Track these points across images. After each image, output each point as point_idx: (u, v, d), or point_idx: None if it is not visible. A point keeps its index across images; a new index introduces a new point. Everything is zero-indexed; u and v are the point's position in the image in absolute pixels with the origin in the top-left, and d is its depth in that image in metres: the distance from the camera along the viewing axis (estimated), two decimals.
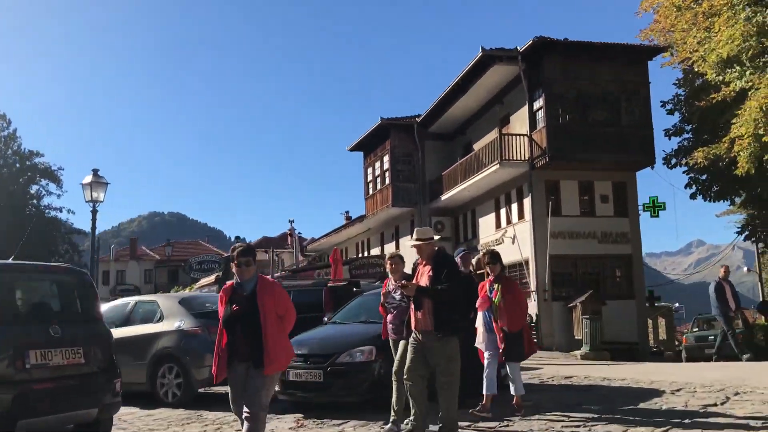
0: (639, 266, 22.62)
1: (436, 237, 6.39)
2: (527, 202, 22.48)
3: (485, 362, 7.20)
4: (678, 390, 8.29)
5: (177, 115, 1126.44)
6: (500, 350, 7.09)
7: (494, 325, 7.18)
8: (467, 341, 6.82)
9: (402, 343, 6.46)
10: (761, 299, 36.31)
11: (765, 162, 16.05)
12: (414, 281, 6.09)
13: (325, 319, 9.53)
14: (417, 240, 6.13)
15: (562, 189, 22.38)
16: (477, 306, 7.28)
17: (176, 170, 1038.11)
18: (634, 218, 22.71)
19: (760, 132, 15.93)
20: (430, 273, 5.91)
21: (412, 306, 5.94)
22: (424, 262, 6.13)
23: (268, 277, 4.97)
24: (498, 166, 22.30)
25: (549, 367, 13.18)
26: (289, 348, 4.92)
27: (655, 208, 22.83)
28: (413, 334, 5.97)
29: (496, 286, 7.29)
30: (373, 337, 7.54)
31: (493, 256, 7.47)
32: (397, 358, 6.55)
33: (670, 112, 22.82)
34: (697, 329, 21.39)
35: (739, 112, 16.76)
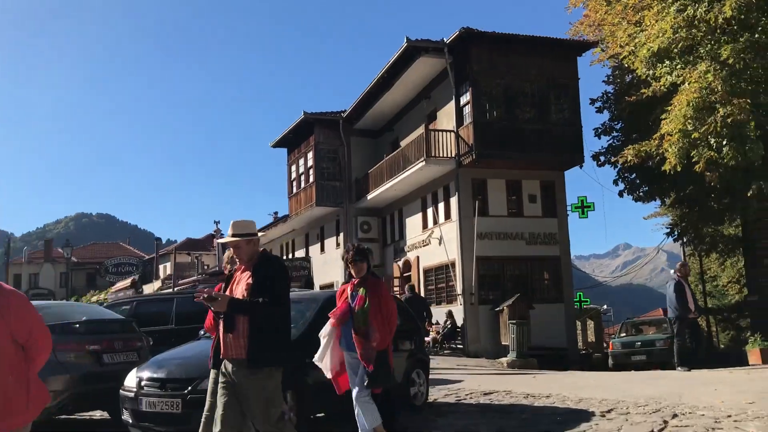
0: (567, 268, 21.93)
1: (260, 233, 4.94)
2: (454, 201, 21.46)
3: (354, 396, 5.59)
4: (609, 411, 7.20)
5: (109, 113, 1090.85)
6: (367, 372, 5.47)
7: (356, 342, 5.50)
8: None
9: (212, 374, 4.84)
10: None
11: (693, 158, 15.41)
12: (228, 291, 4.61)
13: (201, 332, 8.01)
14: (233, 236, 4.53)
15: (489, 188, 21.46)
16: (331, 316, 5.68)
17: (104, 170, 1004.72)
18: (563, 219, 22.01)
19: (689, 128, 15.31)
20: (249, 281, 4.43)
21: (221, 326, 4.45)
22: (242, 267, 4.62)
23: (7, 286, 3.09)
24: (424, 163, 21.19)
25: (471, 379, 12.03)
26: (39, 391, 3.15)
27: (584, 208, 22.19)
28: (222, 365, 4.45)
29: (360, 290, 5.59)
30: None
31: (359, 253, 5.71)
32: (207, 397, 4.86)
33: (600, 110, 22.27)
34: (624, 334, 20.68)
35: (669, 108, 16.14)
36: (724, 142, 14.84)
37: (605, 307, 52.13)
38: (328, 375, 5.63)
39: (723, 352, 20.13)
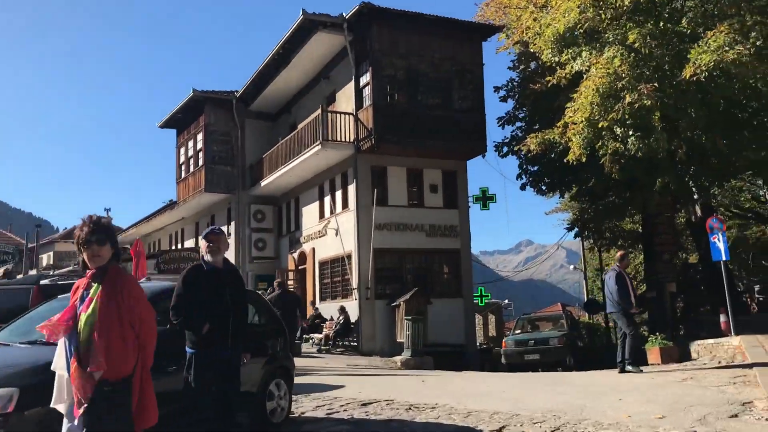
0: (468, 262, 21.02)
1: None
2: (352, 189, 20.08)
3: None
4: (501, 429, 5.98)
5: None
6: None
7: (73, 365, 3.49)
8: None
9: None
10: (586, 297, 36.91)
11: (598, 150, 14.69)
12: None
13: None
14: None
15: (389, 176, 20.22)
16: (42, 330, 3.63)
17: None
18: (464, 211, 21.08)
19: (595, 117, 14.57)
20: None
21: None
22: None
23: None
24: (320, 147, 19.69)
25: (355, 384, 10.67)
26: None
27: (486, 200, 21.33)
28: None
29: (93, 288, 3.62)
30: (24, 371, 4.51)
31: (99, 230, 3.64)
32: None
33: (504, 99, 21.43)
34: (519, 331, 19.82)
35: (575, 95, 15.38)
36: (630, 133, 14.19)
37: (506, 301, 52.39)
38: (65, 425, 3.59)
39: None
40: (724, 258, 15.18)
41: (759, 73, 13.10)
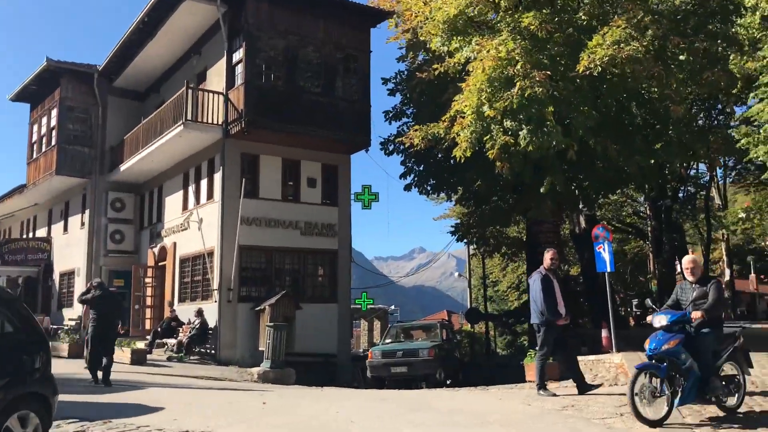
0: (346, 264, 19.35)
1: None
2: (218, 178, 17.95)
3: None
4: None
5: None
6: None
7: None
8: None
9: None
10: (470, 305, 36.25)
11: (486, 145, 13.43)
12: None
13: None
14: None
15: (262, 166, 18.24)
16: None
17: None
18: (345, 209, 19.43)
19: (484, 106, 13.31)
20: None
21: None
22: None
23: None
24: (182, 128, 17.43)
25: (182, 403, 8.69)
26: None
27: (368, 198, 19.76)
28: None
29: None
30: None
31: None
32: None
33: (392, 93, 20.00)
34: (390, 340, 18.05)
35: (463, 85, 14.10)
36: (522, 126, 13.02)
37: (393, 307, 51.31)
38: None
39: (502, 361, 18.68)
40: (608, 269, 14.34)
41: (654, 73, 12.25)
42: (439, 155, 18.58)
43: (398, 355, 15.52)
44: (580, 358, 14.57)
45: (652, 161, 14.80)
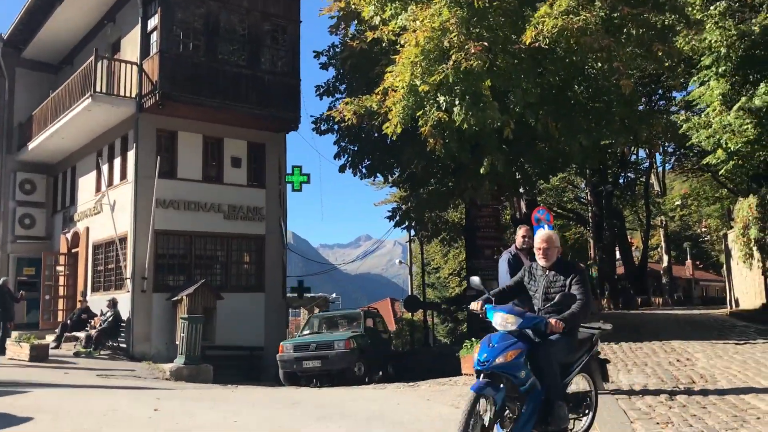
0: (275, 250, 18.07)
1: None
2: (131, 156, 16.40)
3: None
4: None
5: None
6: None
7: None
8: None
9: None
10: (411, 293, 35.41)
11: (419, 121, 12.37)
12: None
13: None
14: None
15: (181, 143, 16.78)
16: None
17: None
18: (273, 190, 18.13)
19: (417, 80, 12.24)
20: None
21: None
22: None
23: None
24: (90, 101, 15.82)
25: (61, 410, 7.37)
26: None
27: (298, 180, 18.49)
28: None
29: None
30: None
31: None
32: None
33: (324, 67, 18.67)
34: (308, 332, 15.94)
35: (396, 58, 13.00)
36: (456, 102, 12.00)
37: (334, 295, 50.17)
38: None
39: (441, 350, 17.71)
40: None
41: (604, 45, 11.38)
42: (375, 134, 17.45)
43: (311, 348, 13.85)
44: None
45: (595, 141, 14.05)
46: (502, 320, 4.64)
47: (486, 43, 11.69)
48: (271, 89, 17.16)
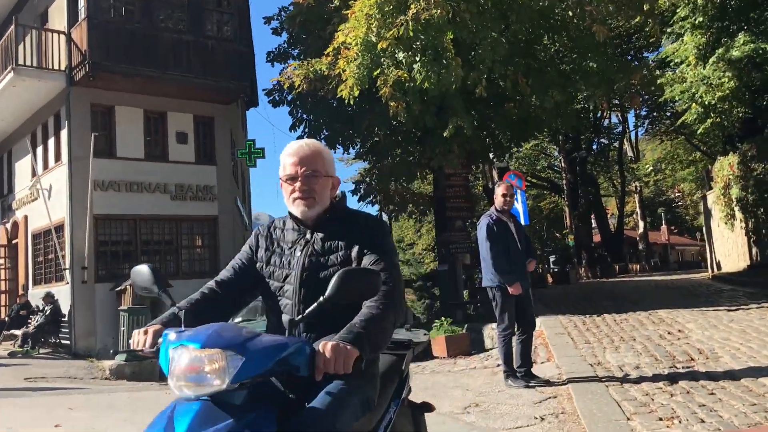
0: (230, 232, 16.71)
1: None
2: (64, 136, 14.91)
3: None
4: None
5: None
6: None
7: None
8: None
9: None
10: None
11: (376, 82, 11.12)
12: None
13: None
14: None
15: (119, 119, 15.30)
16: None
17: None
18: (225, 167, 16.75)
19: (373, 35, 10.99)
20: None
21: None
22: None
23: None
24: (12, 74, 14.24)
25: None
26: None
27: (252, 155, 17.14)
28: None
29: None
30: None
31: None
32: None
33: (276, 32, 17.26)
34: (240, 319, 14.08)
35: (349, 12, 11.73)
36: (417, 59, 10.78)
37: None
38: None
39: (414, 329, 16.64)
40: (522, 221, 12.44)
41: None
42: (333, 101, 16.16)
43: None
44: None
45: (570, 97, 12.93)
46: (191, 364, 1.78)
47: None
48: (217, 57, 15.72)
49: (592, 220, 34.60)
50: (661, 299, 13.88)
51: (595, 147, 34.40)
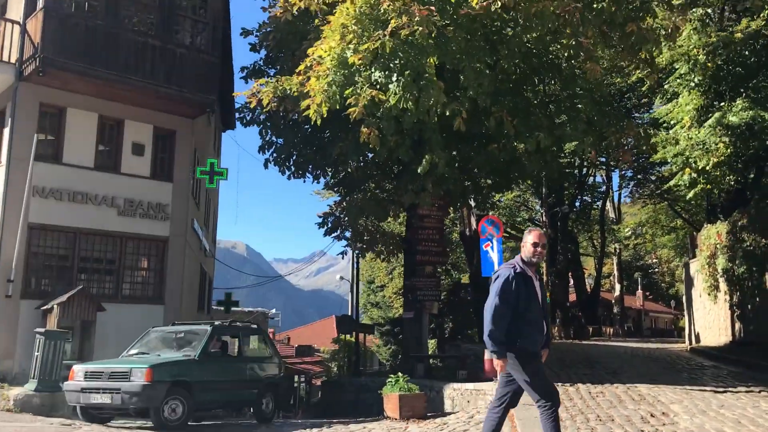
0: (179, 256, 15.34)
1: None
2: (6, 134, 13.61)
3: None
4: None
5: None
6: None
7: None
8: None
9: None
10: (351, 312, 32.88)
11: (348, 101, 10.03)
12: None
13: None
14: None
15: (70, 122, 14.04)
16: None
17: None
18: (182, 186, 15.48)
19: (347, 53, 9.96)
20: None
21: None
22: None
23: None
24: None
25: None
26: None
27: (213, 175, 15.90)
28: None
29: None
30: None
31: None
32: None
33: (254, 49, 16.22)
34: (136, 351, 10.95)
35: (324, 28, 10.71)
36: (394, 77, 9.73)
37: (274, 310, 47.38)
38: None
39: (368, 382, 15.12)
40: None
41: (567, 11, 9.23)
42: (308, 128, 15.09)
43: (104, 376, 9.59)
44: (456, 386, 11.46)
45: (556, 142, 11.95)
46: None
47: (433, 8, 9.50)
48: (185, 66, 14.62)
49: (570, 279, 33.59)
50: (640, 371, 12.72)
51: (577, 204, 33.61)
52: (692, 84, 18.08)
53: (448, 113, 10.18)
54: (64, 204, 13.70)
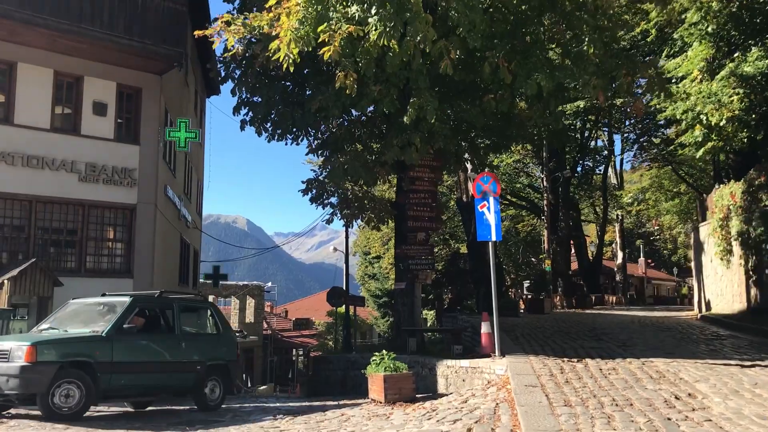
0: (149, 225, 14.08)
1: None
2: None
3: None
4: None
5: None
6: None
7: None
8: None
9: None
10: (345, 284, 31.77)
11: (321, 39, 8.70)
12: None
13: None
14: None
15: (21, 79, 12.68)
16: None
17: None
18: (151, 148, 14.16)
19: None
20: None
21: None
22: None
23: None
24: None
25: None
26: None
27: (184, 136, 14.55)
28: None
29: None
30: None
31: None
32: None
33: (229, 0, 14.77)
34: (47, 325, 9.05)
35: None
36: (373, 11, 8.40)
37: (269, 284, 46.42)
38: None
39: (356, 360, 13.88)
40: (494, 237, 10.05)
41: None
42: (287, 84, 13.75)
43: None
44: (450, 363, 10.31)
45: (558, 85, 10.63)
46: None
47: None
48: (148, 15, 13.24)
49: (572, 246, 32.41)
50: (653, 343, 11.56)
51: (579, 169, 32.27)
52: (705, 33, 16.80)
53: (433, 52, 8.85)
54: (18, 169, 12.43)
